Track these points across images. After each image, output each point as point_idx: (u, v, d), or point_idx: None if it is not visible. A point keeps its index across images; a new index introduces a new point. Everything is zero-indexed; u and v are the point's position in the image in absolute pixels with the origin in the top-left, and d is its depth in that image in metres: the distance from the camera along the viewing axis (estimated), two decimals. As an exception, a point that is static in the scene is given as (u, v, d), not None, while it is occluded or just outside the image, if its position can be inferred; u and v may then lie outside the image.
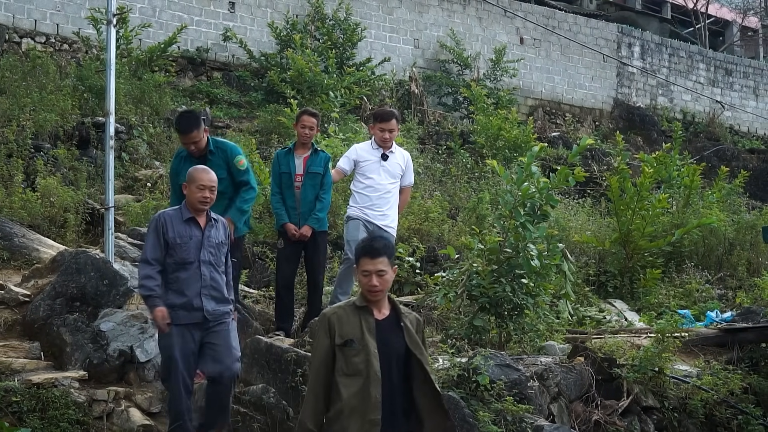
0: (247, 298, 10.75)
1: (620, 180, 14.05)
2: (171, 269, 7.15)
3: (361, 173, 9.73)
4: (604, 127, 28.07)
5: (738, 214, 17.39)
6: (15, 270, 10.18)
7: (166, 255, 7.14)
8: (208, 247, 7.26)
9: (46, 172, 12.52)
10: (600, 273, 14.18)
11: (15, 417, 6.85)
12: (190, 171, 7.45)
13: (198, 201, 7.23)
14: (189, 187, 7.30)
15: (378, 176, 9.63)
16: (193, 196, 7.25)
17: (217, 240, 7.36)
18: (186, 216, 7.28)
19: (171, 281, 7.15)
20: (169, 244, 7.13)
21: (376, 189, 9.63)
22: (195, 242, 7.21)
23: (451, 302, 10.46)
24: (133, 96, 16.46)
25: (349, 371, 5.40)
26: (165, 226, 7.17)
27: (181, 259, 7.15)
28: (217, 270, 7.33)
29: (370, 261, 5.50)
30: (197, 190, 7.23)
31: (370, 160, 9.67)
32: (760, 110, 33.66)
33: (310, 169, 9.59)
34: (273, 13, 22.65)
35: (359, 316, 5.54)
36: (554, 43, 28.67)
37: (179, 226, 7.21)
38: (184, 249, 7.15)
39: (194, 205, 7.28)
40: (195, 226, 7.27)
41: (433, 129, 21.39)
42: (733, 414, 9.65)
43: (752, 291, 13.81)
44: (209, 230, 7.32)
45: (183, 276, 7.14)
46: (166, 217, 7.27)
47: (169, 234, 7.13)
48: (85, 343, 8.41)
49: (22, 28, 19.21)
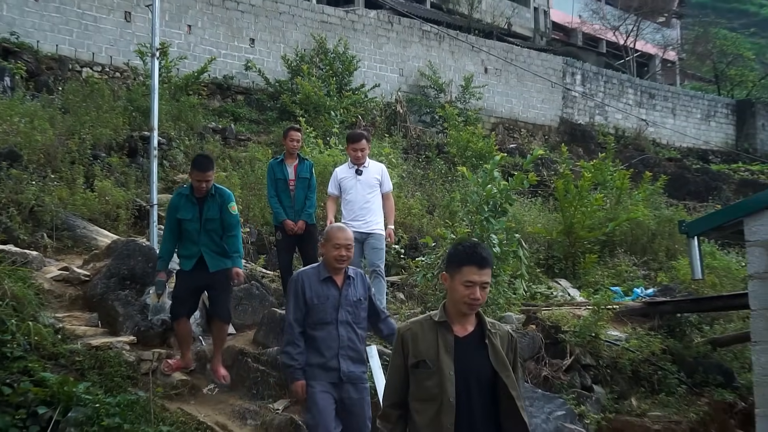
0: (264, 278, 10.76)
1: (565, 183, 14.11)
2: (310, 328, 6.08)
3: (343, 190, 9.32)
4: (551, 140, 28.10)
5: (659, 210, 17.45)
6: (77, 255, 10.19)
7: (305, 315, 6.09)
8: (345, 307, 6.11)
9: (102, 176, 12.53)
10: (548, 257, 14.24)
11: (78, 373, 6.87)
12: (327, 230, 6.35)
13: (335, 259, 6.09)
14: (325, 246, 6.18)
15: (355, 190, 9.22)
16: (329, 255, 6.12)
17: (354, 297, 6.18)
18: (323, 275, 6.15)
19: (309, 339, 6.09)
20: (308, 304, 6.06)
21: (356, 201, 9.22)
22: (332, 302, 6.09)
23: (429, 281, 10.53)
24: (172, 114, 16.44)
25: (421, 396, 4.16)
26: (303, 286, 6.09)
27: (319, 319, 6.06)
28: (355, 330, 6.16)
29: (477, 271, 4.13)
30: (333, 249, 6.10)
31: (347, 177, 9.31)
32: (676, 127, 33.75)
33: (300, 175, 9.50)
34: (285, 48, 22.65)
35: (437, 332, 4.21)
36: (512, 72, 28.69)
37: (317, 285, 6.10)
38: (321, 309, 6.05)
39: (331, 263, 6.14)
40: (332, 286, 6.13)
41: (415, 142, 21.39)
42: (653, 370, 9.72)
43: (670, 272, 13.91)
44: (346, 289, 6.15)
45: (321, 335, 6.05)
46: (304, 277, 6.17)
47: (307, 294, 6.05)
48: (134, 314, 8.45)
49: (83, 60, 19.19)
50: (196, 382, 7.88)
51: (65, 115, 14.53)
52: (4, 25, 18.17)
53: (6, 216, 10.20)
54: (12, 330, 6.68)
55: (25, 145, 12.19)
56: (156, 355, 7.82)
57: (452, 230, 10.63)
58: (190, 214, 7.71)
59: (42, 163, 12.09)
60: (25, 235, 10.09)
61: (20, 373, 6.40)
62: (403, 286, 11.20)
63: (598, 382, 9.33)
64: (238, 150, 16.73)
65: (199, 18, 21.53)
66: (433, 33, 27.14)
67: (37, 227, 10.44)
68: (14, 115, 13.07)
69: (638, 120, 31.93)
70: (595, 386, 9.24)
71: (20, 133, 12.48)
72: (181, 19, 21.11)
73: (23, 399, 6.13)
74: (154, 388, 7.13)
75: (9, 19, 18.28)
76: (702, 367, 10.07)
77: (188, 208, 7.73)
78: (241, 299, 9.30)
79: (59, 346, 7.08)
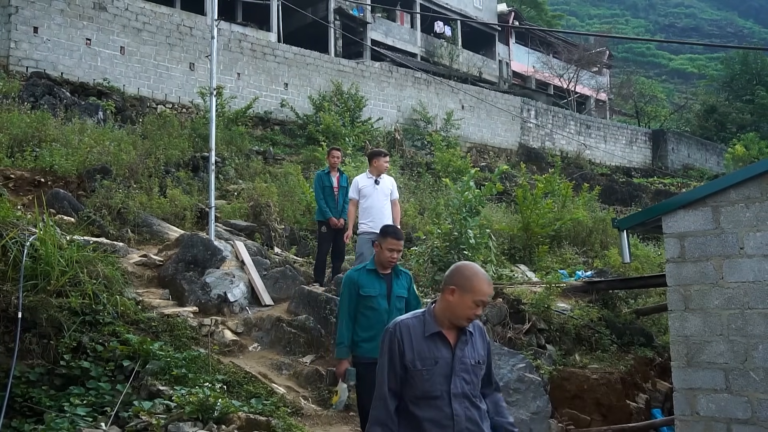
0: (296, 263, 10.69)
1: (523, 192, 14.03)
2: (411, 403, 3.27)
3: (363, 196, 8.66)
4: (513, 160, 28.04)
5: (594, 212, 17.35)
6: (153, 245, 10.13)
7: (403, 384, 3.27)
8: (460, 374, 3.28)
9: (173, 186, 12.47)
10: (511, 248, 14.14)
11: (153, 335, 6.81)
12: (470, 279, 3.25)
13: (466, 319, 3.31)
14: (460, 296, 3.24)
15: (374, 197, 8.68)
16: (461, 310, 3.26)
17: (473, 360, 3.34)
18: (430, 330, 3.30)
19: (409, 419, 3.27)
20: (408, 368, 3.26)
21: (374, 207, 8.59)
22: (442, 367, 3.26)
23: (420, 265, 10.46)
24: (225, 140, 16.42)
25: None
26: (402, 343, 3.28)
27: (423, 392, 3.25)
28: (475, 403, 3.31)
29: None
30: (470, 308, 3.24)
31: (367, 186, 8.68)
32: (607, 150, 33.73)
33: (341, 184, 9.43)
34: (311, 90, 22.65)
35: None
36: (482, 108, 28.66)
37: (420, 343, 3.28)
38: (426, 378, 3.25)
39: (459, 320, 3.32)
40: (442, 344, 3.29)
41: (409, 161, 21.32)
42: (592, 333, 9.63)
43: (603, 259, 13.82)
44: (462, 348, 3.31)
45: (426, 415, 3.23)
46: (402, 330, 3.31)
47: (407, 356, 3.26)
48: (197, 290, 8.38)
49: (158, 99, 19.19)
50: (244, 342, 7.81)
51: (144, 140, 14.52)
52: (99, 72, 18.20)
53: (99, 216, 10.16)
54: (103, 302, 6.64)
55: (114, 163, 12.16)
56: (213, 321, 7.76)
57: (438, 227, 10.55)
58: (377, 290, 5.35)
59: (127, 176, 12.04)
60: (113, 231, 10.05)
61: (110, 335, 6.35)
62: (401, 270, 11.14)
63: (550, 342, 9.25)
64: (275, 167, 16.69)
65: (246, 67, 21.53)
66: (423, 79, 27.12)
67: (123, 225, 10.39)
68: (106, 140, 13.06)
69: (578, 145, 31.91)
70: (548, 345, 9.16)
71: (110, 153, 12.45)
72: (233, 69, 21.11)
73: (112, 354, 6.09)
74: (212, 347, 7.07)
75: (102, 69, 18.32)
76: (629, 330, 10.00)
77: (373, 283, 5.36)
78: (277, 279, 9.22)
79: (139, 314, 7.03)
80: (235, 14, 27.88)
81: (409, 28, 35.10)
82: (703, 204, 6.19)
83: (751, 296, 5.84)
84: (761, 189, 5.94)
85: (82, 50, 18.03)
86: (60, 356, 5.90)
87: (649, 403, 8.94)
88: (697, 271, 6.12)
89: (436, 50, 34.81)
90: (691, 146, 38.89)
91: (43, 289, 6.35)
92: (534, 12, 51.95)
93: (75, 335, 6.10)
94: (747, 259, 5.90)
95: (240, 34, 22.35)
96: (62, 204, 10.20)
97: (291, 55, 22.81)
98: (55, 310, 6.17)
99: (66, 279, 6.52)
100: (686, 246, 6.21)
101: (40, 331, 6.03)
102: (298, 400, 6.65)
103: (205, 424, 5.27)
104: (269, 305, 8.67)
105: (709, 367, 5.96)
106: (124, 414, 5.38)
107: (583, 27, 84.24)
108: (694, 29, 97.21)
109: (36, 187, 10.72)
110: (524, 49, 41.58)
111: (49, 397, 5.53)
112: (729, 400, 5.84)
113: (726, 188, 6.09)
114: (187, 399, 5.44)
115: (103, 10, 18.53)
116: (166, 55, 19.61)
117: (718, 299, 5.99)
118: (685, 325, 6.12)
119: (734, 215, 6.02)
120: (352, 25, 31.00)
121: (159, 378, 5.97)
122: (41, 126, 12.98)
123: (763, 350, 5.73)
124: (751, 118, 45.32)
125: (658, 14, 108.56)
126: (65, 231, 8.18)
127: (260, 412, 5.75)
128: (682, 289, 6.18)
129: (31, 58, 17.22)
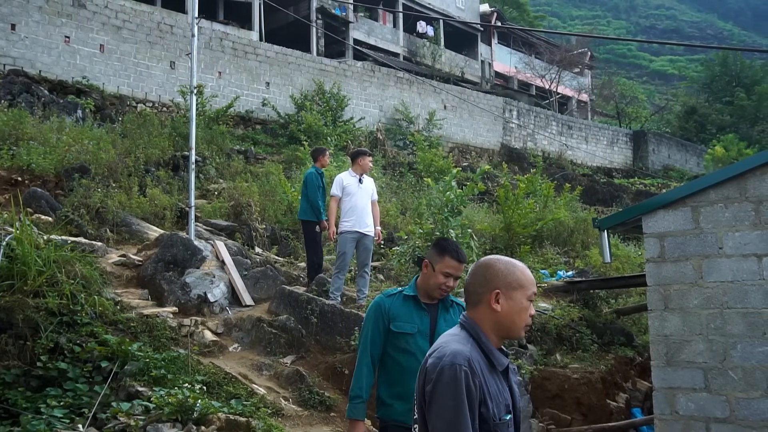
0: (276, 263, 10.65)
1: (505, 192, 14.05)
2: None
3: (346, 194, 8.53)
4: (495, 160, 28.12)
5: (575, 212, 17.44)
6: (133, 245, 10.05)
7: None
8: None
9: (152, 185, 12.38)
10: (493, 248, 14.13)
11: (132, 335, 6.75)
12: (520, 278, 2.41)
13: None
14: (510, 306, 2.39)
15: (357, 196, 8.51)
16: (515, 317, 2.40)
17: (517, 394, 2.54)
18: (499, 361, 2.42)
19: None
20: (483, 416, 2.27)
21: (358, 206, 8.48)
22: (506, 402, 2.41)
23: (402, 265, 10.45)
24: (206, 139, 16.32)
25: None
26: (475, 377, 2.26)
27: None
28: None
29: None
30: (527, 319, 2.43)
31: (351, 184, 8.59)
32: (588, 150, 33.94)
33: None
34: (293, 89, 22.57)
35: None
36: (465, 108, 28.72)
37: (489, 376, 2.34)
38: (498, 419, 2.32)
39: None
40: (503, 381, 2.44)
41: (391, 160, 21.32)
42: (573, 333, 9.69)
43: (584, 259, 13.89)
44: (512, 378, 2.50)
45: None
46: (474, 365, 2.27)
47: (489, 403, 2.29)
48: (176, 290, 8.32)
49: (138, 97, 19.04)
50: (224, 342, 7.76)
51: (124, 139, 14.40)
52: (78, 71, 18.02)
53: (77, 215, 10.06)
54: (81, 302, 6.57)
55: (92, 162, 12.05)
56: (193, 322, 7.71)
57: (420, 227, 10.56)
58: (415, 326, 3.68)
59: (106, 175, 11.94)
60: (92, 230, 9.95)
61: (87, 336, 6.29)
62: (383, 269, 11.11)
63: (531, 342, 9.30)
64: (256, 166, 16.61)
65: (227, 66, 21.41)
66: (405, 78, 27.12)
67: (102, 224, 10.30)
68: (84, 139, 12.95)
69: (560, 145, 32.08)
70: (529, 345, 9.19)
71: (89, 152, 12.34)
72: (214, 67, 20.99)
73: (90, 356, 6.03)
74: (192, 347, 7.02)
75: (81, 66, 18.13)
76: (609, 330, 10.07)
77: (412, 316, 3.70)
78: (258, 279, 9.18)
79: (118, 314, 6.96)
80: (217, 12, 27.75)
81: (392, 27, 35.12)
82: (682, 204, 6.24)
83: (730, 296, 5.90)
84: (740, 189, 6.00)
85: (61, 48, 17.84)
86: (37, 357, 5.83)
87: (629, 403, 9.01)
88: (677, 271, 6.17)
89: (418, 50, 34.87)
90: (672, 147, 39.28)
91: (19, 289, 6.27)
92: (516, 13, 52.23)
93: (52, 336, 6.04)
94: (726, 258, 5.96)
95: (221, 32, 22.23)
96: (40, 203, 10.09)
97: (273, 54, 22.72)
98: (31, 311, 6.10)
99: (43, 279, 6.44)
100: (666, 246, 6.26)
101: (17, 331, 5.95)
102: (278, 400, 6.61)
103: (185, 425, 5.23)
104: (250, 305, 8.63)
105: (689, 367, 6.01)
106: (102, 415, 5.32)
107: (565, 28, 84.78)
108: (674, 31, 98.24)
109: (13, 186, 10.60)
110: (507, 50, 41.76)
111: (26, 399, 5.46)
112: (708, 399, 5.89)
113: (705, 188, 6.15)
114: (166, 400, 5.39)
115: (82, 7, 18.35)
116: (146, 54, 19.46)
117: (697, 299, 6.05)
118: (665, 324, 6.17)
119: (713, 215, 6.08)
120: (334, 24, 30.95)
121: (138, 379, 5.92)
122: (18, 124, 12.85)
123: (742, 350, 5.79)
124: (731, 120, 45.86)
125: (639, 16, 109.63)
126: (42, 230, 8.08)
127: (240, 413, 5.72)
128: (661, 288, 6.23)
129: (8, 56, 17.01)
